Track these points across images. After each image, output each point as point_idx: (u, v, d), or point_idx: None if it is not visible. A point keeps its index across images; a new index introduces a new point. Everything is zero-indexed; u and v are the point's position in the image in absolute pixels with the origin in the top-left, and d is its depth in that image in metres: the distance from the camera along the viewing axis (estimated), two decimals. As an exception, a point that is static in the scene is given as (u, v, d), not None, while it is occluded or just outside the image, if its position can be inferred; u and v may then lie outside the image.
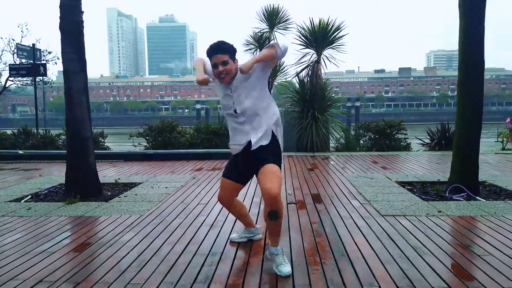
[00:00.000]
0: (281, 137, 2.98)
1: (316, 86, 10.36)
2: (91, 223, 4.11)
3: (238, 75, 2.79)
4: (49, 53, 18.40)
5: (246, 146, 2.88)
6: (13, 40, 14.63)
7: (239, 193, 3.27)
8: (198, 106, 19.79)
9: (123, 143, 15.89)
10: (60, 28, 5.31)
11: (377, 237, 3.51)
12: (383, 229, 3.74)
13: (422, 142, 11.53)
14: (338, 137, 11.03)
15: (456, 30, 5.16)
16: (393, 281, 2.61)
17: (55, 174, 7.25)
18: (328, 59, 10.62)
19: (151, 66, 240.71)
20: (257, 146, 2.84)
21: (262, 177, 2.72)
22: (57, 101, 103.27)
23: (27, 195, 5.43)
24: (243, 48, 11.80)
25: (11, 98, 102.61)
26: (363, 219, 4.09)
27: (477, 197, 4.89)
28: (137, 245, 3.40)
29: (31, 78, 13.30)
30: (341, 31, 10.43)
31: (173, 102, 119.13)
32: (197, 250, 3.24)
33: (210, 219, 4.16)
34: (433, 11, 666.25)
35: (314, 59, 10.61)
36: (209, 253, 3.17)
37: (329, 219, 4.11)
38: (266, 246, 3.22)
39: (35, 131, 11.54)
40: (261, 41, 11.55)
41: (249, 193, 5.39)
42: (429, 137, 11.41)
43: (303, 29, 10.55)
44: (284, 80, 11.88)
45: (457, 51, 5.24)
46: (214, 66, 2.74)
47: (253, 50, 11.71)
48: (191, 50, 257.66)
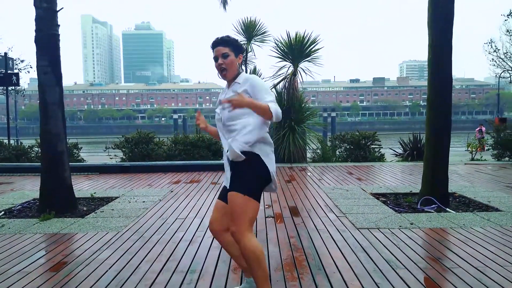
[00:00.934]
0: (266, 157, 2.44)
1: (293, 98, 10.53)
2: (67, 240, 4.06)
3: (239, 81, 2.46)
4: (22, 61, 18.07)
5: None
6: (-16, 48, 14.26)
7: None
8: (175, 115, 19.62)
9: (99, 154, 15.68)
10: (35, 41, 5.26)
11: (352, 250, 3.62)
12: (358, 242, 3.85)
13: (395, 153, 11.85)
14: (314, 148, 11.20)
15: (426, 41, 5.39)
16: (367, 296, 2.70)
17: (28, 189, 7.09)
18: (304, 72, 10.83)
19: (126, 74, 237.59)
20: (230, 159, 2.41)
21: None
22: (29, 109, 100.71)
23: (0, 211, 5.30)
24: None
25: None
26: (339, 232, 4.20)
27: (447, 209, 5.09)
28: (115, 263, 3.39)
29: (2, 87, 12.98)
30: (316, 44, 10.67)
31: (150, 111, 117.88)
32: (176, 268, 3.26)
33: (189, 234, 4.18)
34: (405, 22, 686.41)
35: (291, 72, 10.79)
36: (188, 270, 3.20)
37: (306, 232, 4.20)
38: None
39: (7, 142, 11.24)
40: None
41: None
42: (401, 148, 11.73)
43: (280, 42, 10.73)
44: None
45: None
46: (215, 60, 2.48)
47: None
48: (167, 58, 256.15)
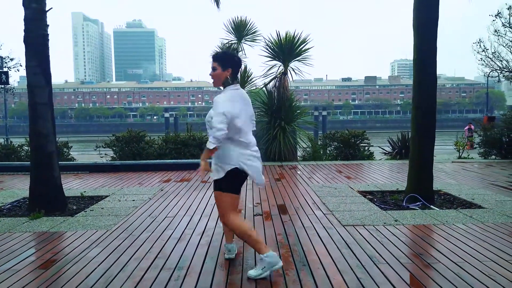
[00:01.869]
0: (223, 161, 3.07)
1: (283, 97, 10.61)
2: (57, 239, 4.10)
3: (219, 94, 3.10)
4: (11, 59, 17.94)
5: None
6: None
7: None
8: (167, 114, 19.60)
9: (90, 153, 15.62)
10: (24, 41, 5.28)
11: (337, 246, 3.71)
12: (343, 238, 3.94)
13: (384, 151, 11.99)
14: (305, 147, 11.30)
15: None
16: (349, 290, 2.79)
17: (18, 187, 7.09)
18: (295, 71, 10.91)
19: (118, 72, 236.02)
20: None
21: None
22: (19, 107, 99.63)
23: (-11, 210, 5.31)
24: (207, 57, 11.91)
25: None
26: (325, 229, 4.29)
27: (432, 206, 5.21)
28: (103, 261, 3.44)
29: (-9, 86, 12.90)
30: (306, 44, 10.75)
31: (141, 109, 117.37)
32: (163, 265, 3.32)
33: (178, 232, 4.24)
34: (396, 21, 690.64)
35: (281, 71, 10.87)
36: (175, 267, 3.26)
37: (293, 230, 4.28)
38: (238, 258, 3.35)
39: (-4, 141, 11.19)
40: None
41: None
42: (390, 146, 11.89)
43: (270, 41, 10.80)
44: (253, 89, 12.02)
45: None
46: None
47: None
48: (159, 56, 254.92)
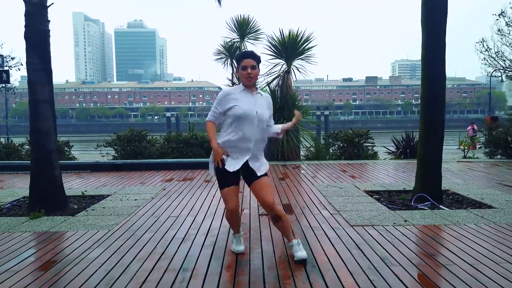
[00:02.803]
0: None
1: (287, 96, 10.50)
2: (57, 239, 3.99)
3: (262, 94, 3.37)
4: (12, 58, 17.86)
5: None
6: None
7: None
8: (168, 114, 19.50)
9: (91, 152, 15.50)
10: (25, 37, 5.17)
11: (347, 247, 3.59)
12: (352, 239, 3.83)
13: (388, 150, 11.87)
14: (308, 146, 11.18)
15: (420, 40, 5.38)
16: (362, 293, 2.68)
17: (18, 186, 6.98)
18: (298, 70, 10.80)
19: (119, 72, 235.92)
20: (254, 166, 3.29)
21: (261, 189, 3.24)
22: (19, 107, 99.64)
23: (-12, 210, 5.20)
24: (214, 57, 11.83)
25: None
26: (333, 229, 4.17)
27: (441, 206, 5.09)
28: (105, 262, 3.33)
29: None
30: (310, 42, 10.64)
31: (142, 109, 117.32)
32: (168, 266, 3.21)
33: (181, 232, 4.12)
34: (397, 22, 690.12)
35: (284, 70, 10.76)
36: (180, 269, 3.15)
37: (300, 230, 4.17)
38: (243, 256, 3.24)
39: (-3, 140, 11.09)
40: (231, 51, 11.61)
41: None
42: (394, 146, 11.76)
43: (273, 39, 10.69)
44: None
45: (420, 61, 5.47)
46: (243, 68, 3.21)
47: (224, 59, 11.73)
48: (160, 56, 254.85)
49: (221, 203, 5.42)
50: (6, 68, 13.49)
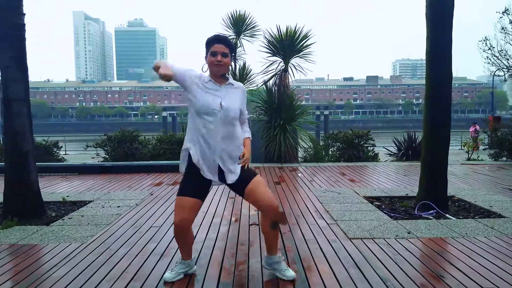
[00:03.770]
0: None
1: (284, 96, 10.10)
2: (24, 253, 3.60)
3: (233, 84, 2.84)
4: None
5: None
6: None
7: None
8: (165, 113, 19.07)
9: (89, 152, 15.07)
10: (-3, 32, 4.78)
11: (344, 266, 3.20)
12: (350, 255, 3.44)
13: (389, 152, 11.48)
14: (306, 147, 10.79)
15: (420, 39, 5.01)
16: (360, 326, 2.29)
17: (-2, 191, 6.59)
18: (296, 68, 10.40)
19: (119, 71, 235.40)
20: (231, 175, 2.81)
21: (256, 191, 2.76)
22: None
23: (-42, 218, 4.81)
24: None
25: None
26: (329, 242, 3.78)
27: (447, 215, 4.70)
28: (72, 281, 2.95)
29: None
30: (308, 39, 10.23)
31: (143, 108, 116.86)
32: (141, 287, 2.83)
33: (162, 246, 3.74)
34: (398, 21, 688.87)
35: (282, 68, 10.36)
36: (153, 292, 2.77)
37: (292, 243, 3.78)
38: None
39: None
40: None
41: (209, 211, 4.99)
42: (396, 147, 11.37)
43: (271, 36, 10.28)
44: (254, 88, 11.50)
45: (421, 61, 5.12)
46: (212, 54, 2.70)
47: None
48: (161, 55, 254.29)
49: (209, 212, 5.03)
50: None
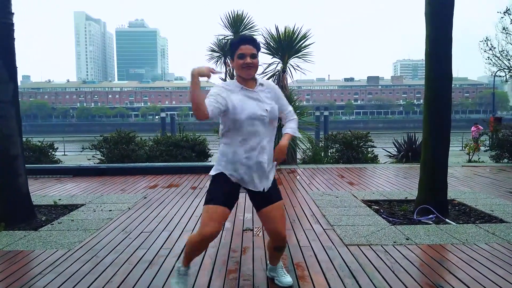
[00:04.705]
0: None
1: (282, 96, 9.95)
2: (9, 260, 3.47)
3: (264, 84, 2.64)
4: None
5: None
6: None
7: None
8: (163, 114, 18.92)
9: (88, 153, 14.94)
10: (-15, 31, 4.65)
11: (339, 275, 3.07)
12: (346, 263, 3.30)
13: (389, 154, 11.34)
14: (305, 149, 10.65)
15: (421, 39, 4.88)
16: None
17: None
18: (294, 69, 10.27)
19: (120, 72, 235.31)
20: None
21: (273, 215, 2.62)
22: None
23: None
24: (207, 56, 11.32)
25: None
26: (325, 249, 3.65)
27: (447, 220, 4.56)
28: (54, 292, 2.82)
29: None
30: (307, 39, 10.10)
31: (143, 109, 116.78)
32: (124, 299, 2.70)
33: (151, 253, 3.60)
34: (399, 22, 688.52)
35: (280, 68, 10.23)
36: (138, 304, 2.64)
37: (287, 250, 3.64)
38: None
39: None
40: (225, 49, 11.08)
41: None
42: (395, 148, 11.23)
43: (269, 36, 10.15)
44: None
45: (422, 61, 4.99)
46: (240, 57, 2.48)
47: (217, 57, 11.21)
48: (161, 56, 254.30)
49: (203, 215, 4.89)
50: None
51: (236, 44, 2.52)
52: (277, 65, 10.36)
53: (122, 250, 3.68)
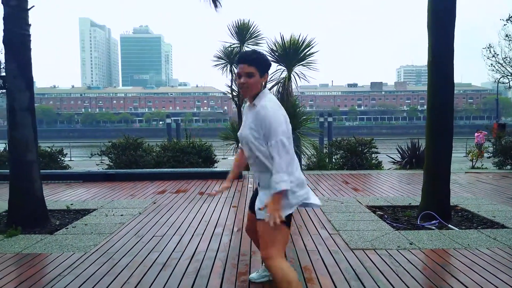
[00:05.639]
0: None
1: (287, 103, 10.11)
2: (28, 262, 3.63)
3: (253, 104, 2.46)
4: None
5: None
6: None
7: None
8: (168, 120, 19.09)
9: (94, 158, 15.11)
10: (3, 42, 4.85)
11: (345, 277, 3.20)
12: (352, 266, 3.43)
13: (393, 160, 11.44)
14: (309, 155, 10.77)
15: (425, 46, 5.02)
16: None
17: (4, 199, 6.63)
18: (299, 76, 10.42)
19: (124, 78, 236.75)
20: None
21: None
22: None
23: (-37, 226, 4.86)
24: (213, 63, 11.48)
25: None
26: (331, 253, 3.78)
27: (450, 225, 4.68)
28: (74, 292, 2.97)
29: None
30: (311, 48, 10.25)
31: (147, 114, 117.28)
32: (141, 300, 2.84)
33: (164, 256, 3.75)
34: (403, 27, 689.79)
35: (285, 76, 10.39)
36: (155, 304, 2.78)
37: (294, 254, 3.78)
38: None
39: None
40: (231, 56, 11.26)
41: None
42: (399, 155, 11.33)
43: (274, 44, 10.33)
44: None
45: (426, 67, 5.13)
46: (238, 77, 2.46)
47: (223, 65, 11.38)
48: (166, 62, 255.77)
49: (212, 221, 5.04)
50: (3, 74, 13.23)
51: (237, 62, 2.52)
52: (282, 73, 10.52)
53: (136, 253, 3.82)
